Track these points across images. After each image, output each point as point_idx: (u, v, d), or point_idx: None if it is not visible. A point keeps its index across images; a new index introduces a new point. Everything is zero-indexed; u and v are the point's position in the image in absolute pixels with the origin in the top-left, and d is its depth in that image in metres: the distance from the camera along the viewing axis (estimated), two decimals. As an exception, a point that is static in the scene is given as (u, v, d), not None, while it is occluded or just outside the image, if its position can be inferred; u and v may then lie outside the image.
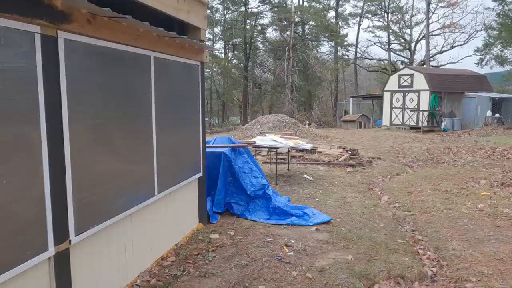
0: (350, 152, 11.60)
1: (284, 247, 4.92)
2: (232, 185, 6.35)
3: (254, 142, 7.89)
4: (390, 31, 41.08)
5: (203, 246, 4.92)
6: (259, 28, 39.34)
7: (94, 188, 3.20)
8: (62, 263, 2.88)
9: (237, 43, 39.31)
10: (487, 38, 35.51)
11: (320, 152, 11.81)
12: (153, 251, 4.33)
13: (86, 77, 3.07)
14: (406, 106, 24.95)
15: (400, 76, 25.60)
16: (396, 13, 40.92)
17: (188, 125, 5.10)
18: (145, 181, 4.00)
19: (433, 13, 38.10)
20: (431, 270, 4.41)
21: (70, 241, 2.93)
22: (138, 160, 3.89)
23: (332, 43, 40.28)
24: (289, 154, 10.64)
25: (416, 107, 24.24)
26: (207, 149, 5.97)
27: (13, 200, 2.41)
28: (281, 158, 10.81)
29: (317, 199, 7.26)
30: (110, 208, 3.42)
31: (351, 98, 33.51)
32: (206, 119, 27.79)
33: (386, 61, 43.26)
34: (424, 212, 6.55)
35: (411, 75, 24.69)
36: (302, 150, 10.87)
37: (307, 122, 27.09)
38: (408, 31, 41.81)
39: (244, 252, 4.74)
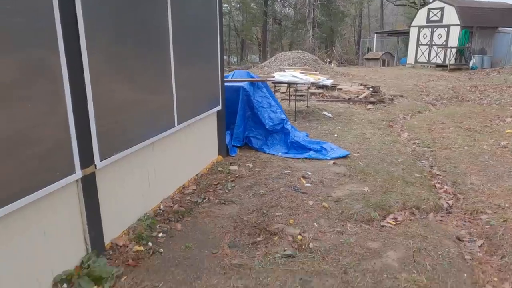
0: (371, 90, 11.32)
1: (301, 178, 5.02)
2: (251, 120, 6.38)
3: (273, 77, 7.74)
4: (422, -42, 37.83)
5: (223, 176, 5.07)
6: (280, -43, 36.83)
7: (116, 115, 3.26)
8: (89, 186, 3.03)
9: (257, -26, 37.16)
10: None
11: (341, 89, 11.57)
12: (175, 180, 4.50)
13: (101, 1, 2.98)
14: (433, 43, 23.69)
15: (429, 9, 24.01)
16: None
17: (206, 57, 5.02)
18: (164, 111, 4.04)
19: None
20: (447, 203, 4.47)
21: (95, 165, 3.05)
22: (157, 90, 3.90)
23: (358, -26, 37.61)
24: (309, 91, 10.47)
25: (444, 43, 23.00)
26: (226, 84, 5.91)
27: (39, 124, 2.49)
28: (300, 95, 10.67)
29: (335, 135, 7.26)
30: (132, 136, 3.50)
31: (375, 35, 31.97)
32: (224, 57, 27.23)
33: (416, -6, 40.39)
34: (445, 148, 6.48)
35: (442, 9, 23.12)
36: (322, 87, 10.67)
37: (328, 60, 26.27)
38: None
39: (262, 182, 4.88)
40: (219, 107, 5.49)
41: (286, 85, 10.97)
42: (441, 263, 3.16)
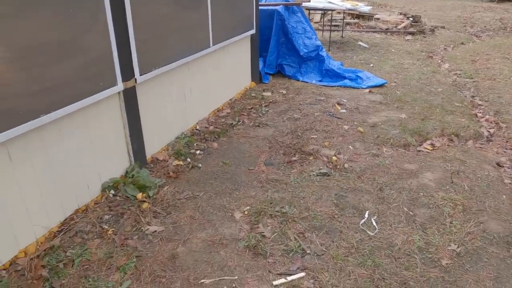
0: (411, 19, 10.61)
1: (336, 105, 4.94)
2: (284, 46, 6.18)
3: (309, 1, 7.31)
4: None
5: (256, 102, 5.06)
6: None
7: (154, 29, 3.22)
8: (130, 99, 3.08)
9: None
10: None
11: (378, 18, 10.91)
12: (210, 103, 4.52)
13: None
14: (483, -30, 21.50)
15: None
16: None
17: (240, -25, 4.77)
18: (200, 31, 3.95)
19: None
20: (488, 131, 4.32)
21: (135, 79, 3.08)
22: (192, 9, 3.78)
23: None
24: (344, 20, 9.94)
25: (495, -29, 20.83)
26: (260, 7, 5.66)
27: (82, 31, 2.49)
28: (335, 25, 10.17)
29: (371, 65, 6.98)
30: (169, 53, 3.48)
31: (417, -38, 29.24)
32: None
33: None
34: (488, 79, 6.14)
35: None
36: (358, 17, 10.09)
37: (364, -9, 24.54)
38: None
39: (296, 108, 4.84)
40: (253, 31, 5.31)
41: (320, 14, 10.46)
42: (479, 185, 3.13)
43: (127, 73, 2.98)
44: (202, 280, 2.19)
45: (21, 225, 2.32)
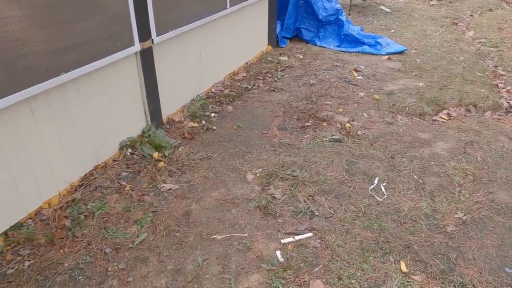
0: (438, -17, 10.11)
1: (353, 71, 4.87)
2: (303, 9, 6.02)
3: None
4: None
5: (272, 66, 5.02)
6: None
7: (170, -11, 3.20)
8: (147, 60, 3.12)
9: None
10: None
11: (403, -18, 10.43)
12: (225, 66, 4.52)
13: None
14: None
15: None
16: None
17: None
18: (217, -9, 3.90)
19: None
20: (508, 103, 4.22)
21: (152, 40, 3.10)
22: (210, -34, 3.71)
23: None
24: (367, -17, 9.53)
25: None
26: (279, -33, 5.50)
27: (99, -11, 2.50)
28: (357, -12, 9.79)
29: (392, 31, 6.78)
30: (186, 15, 3.46)
31: None
32: None
33: None
34: (514, 48, 5.92)
35: None
36: (382, -21, 9.64)
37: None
38: None
39: (312, 73, 4.80)
40: (271, -7, 5.20)
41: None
42: (492, 156, 3.12)
43: (144, 34, 3.00)
44: (214, 236, 2.30)
45: (44, 178, 2.45)
